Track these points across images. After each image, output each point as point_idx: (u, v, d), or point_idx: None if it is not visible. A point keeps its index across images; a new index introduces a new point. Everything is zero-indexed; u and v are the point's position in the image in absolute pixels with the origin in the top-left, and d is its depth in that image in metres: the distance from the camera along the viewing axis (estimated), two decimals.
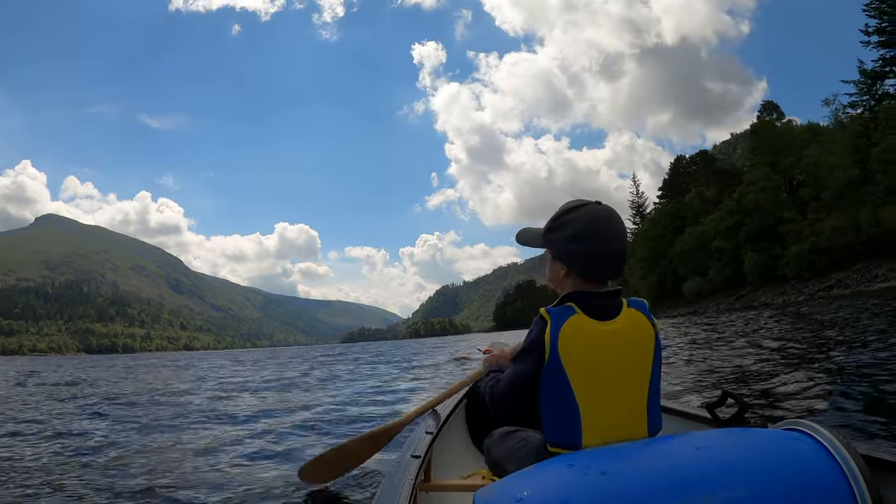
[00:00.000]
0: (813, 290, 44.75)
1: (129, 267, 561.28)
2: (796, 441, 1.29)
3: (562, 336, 1.57)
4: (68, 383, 17.38)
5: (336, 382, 13.49)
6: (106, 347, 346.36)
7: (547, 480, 1.27)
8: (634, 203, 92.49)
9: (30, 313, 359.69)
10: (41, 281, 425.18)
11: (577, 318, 1.59)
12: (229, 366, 26.97)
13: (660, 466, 1.25)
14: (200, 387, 14.14)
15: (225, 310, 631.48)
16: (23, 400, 12.18)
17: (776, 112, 67.77)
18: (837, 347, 9.33)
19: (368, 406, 8.57)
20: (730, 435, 1.39)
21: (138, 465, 5.01)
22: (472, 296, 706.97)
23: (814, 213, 48.90)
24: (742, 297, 54.39)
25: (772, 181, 54.70)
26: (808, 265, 47.53)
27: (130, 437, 6.59)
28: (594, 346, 1.58)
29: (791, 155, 54.97)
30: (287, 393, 11.59)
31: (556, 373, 1.58)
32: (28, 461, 5.32)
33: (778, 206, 53.52)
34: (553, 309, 1.64)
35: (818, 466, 1.21)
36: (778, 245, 51.84)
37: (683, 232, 66.05)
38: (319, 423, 7.06)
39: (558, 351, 1.56)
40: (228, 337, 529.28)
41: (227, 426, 7.22)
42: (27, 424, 7.80)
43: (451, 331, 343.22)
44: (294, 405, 9.08)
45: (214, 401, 10.47)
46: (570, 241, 1.71)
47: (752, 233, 54.65)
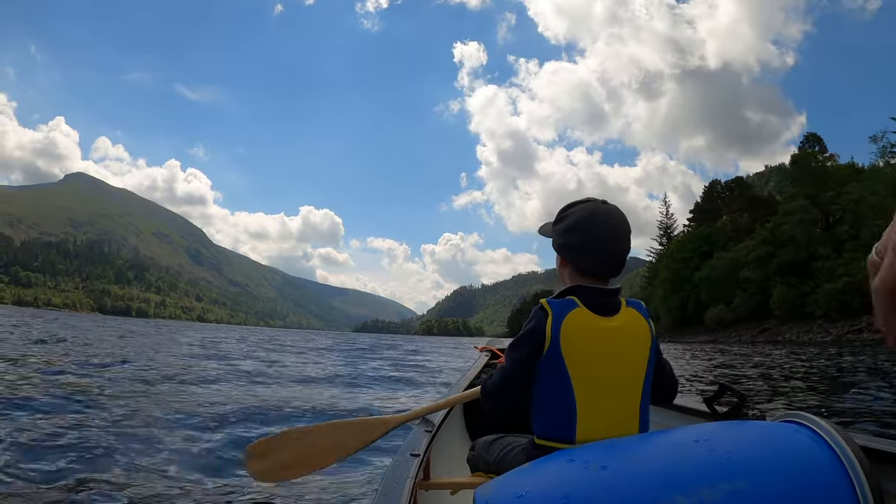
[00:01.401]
0: (841, 332, 43.34)
1: (152, 233, 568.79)
2: (795, 433, 1.28)
3: (564, 328, 1.56)
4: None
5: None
6: (120, 310, 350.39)
7: (547, 476, 1.27)
8: (663, 224, 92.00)
9: (49, 268, 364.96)
10: (63, 237, 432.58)
11: (579, 311, 1.59)
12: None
13: (659, 460, 1.25)
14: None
15: (242, 286, 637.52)
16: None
17: (819, 145, 66.02)
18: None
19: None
20: (728, 428, 1.38)
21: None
22: (489, 299, 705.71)
23: (850, 252, 47.39)
24: (766, 331, 53.03)
25: (809, 214, 53.24)
26: (839, 305, 46.04)
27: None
28: (595, 341, 1.58)
29: (831, 189, 53.64)
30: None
31: (554, 364, 1.56)
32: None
33: (813, 241, 52.09)
34: (554, 300, 1.62)
35: (817, 458, 1.21)
36: (809, 281, 50.39)
37: (712, 257, 64.66)
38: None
39: (560, 342, 1.55)
40: (242, 313, 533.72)
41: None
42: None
43: (465, 332, 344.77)
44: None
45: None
46: (566, 232, 1.73)
47: (784, 265, 53.16)
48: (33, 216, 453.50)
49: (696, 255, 68.11)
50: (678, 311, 68.89)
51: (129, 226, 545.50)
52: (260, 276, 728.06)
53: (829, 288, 46.78)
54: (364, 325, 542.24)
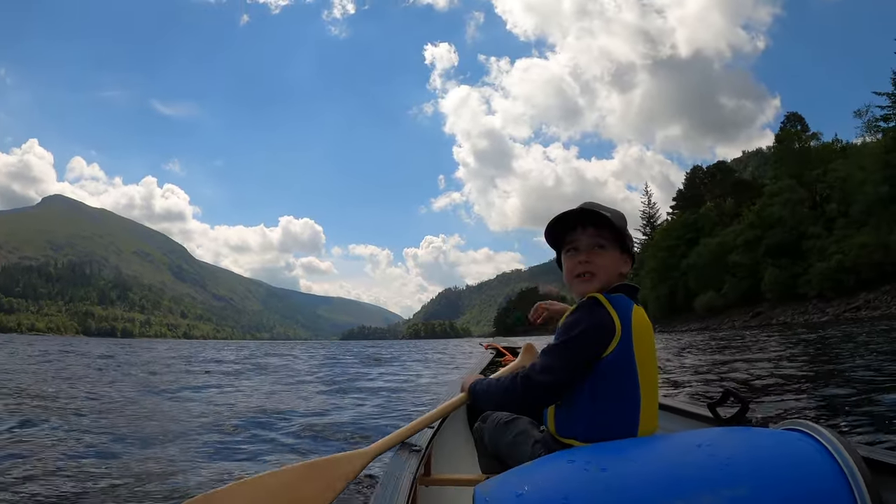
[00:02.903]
0: (838, 311, 41.74)
1: (133, 252, 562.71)
2: (798, 441, 1.28)
3: (634, 324, 1.56)
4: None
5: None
6: (105, 331, 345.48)
7: (547, 476, 1.27)
8: (645, 213, 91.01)
9: (31, 292, 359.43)
10: (44, 260, 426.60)
11: (638, 309, 1.61)
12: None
13: (661, 463, 1.26)
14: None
15: (227, 300, 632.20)
16: None
17: (801, 124, 65.02)
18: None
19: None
20: (731, 434, 1.39)
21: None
22: (475, 300, 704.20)
23: (841, 230, 46.14)
24: (759, 315, 51.43)
25: (796, 193, 51.94)
26: (833, 284, 44.58)
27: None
28: (650, 338, 1.62)
29: (817, 168, 52.46)
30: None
31: (624, 362, 1.55)
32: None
33: (802, 221, 50.78)
34: (611, 296, 1.60)
35: (819, 467, 1.21)
36: (800, 262, 48.99)
37: (698, 243, 63.30)
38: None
39: (632, 339, 1.55)
40: (228, 327, 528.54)
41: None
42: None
43: (452, 334, 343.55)
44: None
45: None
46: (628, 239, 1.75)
47: (773, 247, 51.73)
48: (13, 240, 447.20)
49: (682, 243, 66.89)
50: (667, 299, 67.53)
51: (109, 246, 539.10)
52: (244, 290, 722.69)
53: (822, 267, 45.19)
54: (351, 333, 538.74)
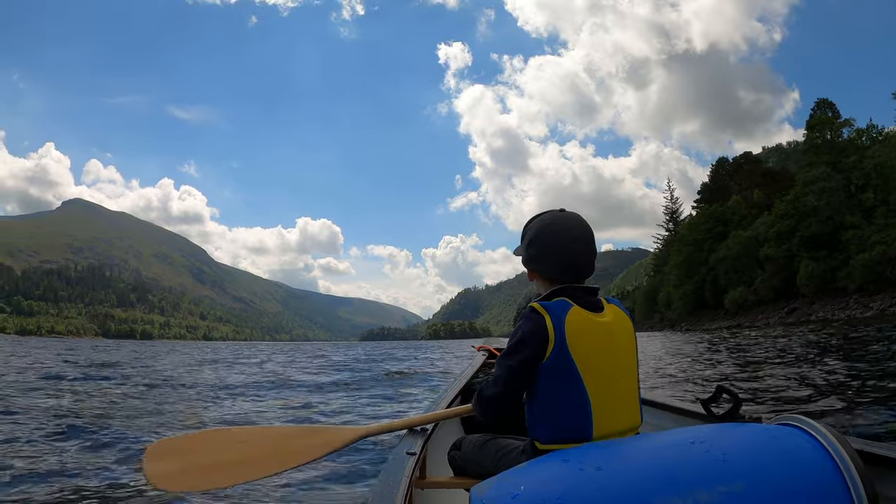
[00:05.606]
0: (883, 305, 39.15)
1: (153, 254, 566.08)
2: (791, 436, 1.30)
3: (567, 327, 1.57)
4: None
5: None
6: (124, 333, 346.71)
7: (543, 476, 1.28)
8: (668, 209, 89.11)
9: (51, 295, 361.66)
10: (64, 264, 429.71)
11: (576, 310, 1.61)
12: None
13: (655, 461, 1.26)
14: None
15: (246, 302, 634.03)
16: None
17: (831, 110, 62.16)
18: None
19: None
20: (725, 430, 1.40)
21: None
22: (494, 300, 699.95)
23: (882, 219, 43.31)
24: (795, 311, 48.71)
25: (832, 181, 48.89)
26: (876, 277, 41.81)
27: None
28: (595, 338, 1.61)
29: (852, 154, 49.53)
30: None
31: (562, 365, 1.57)
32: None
33: (839, 210, 47.73)
34: (547, 302, 1.64)
35: (813, 461, 1.23)
36: (838, 254, 46.07)
37: (726, 237, 60.49)
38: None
39: (566, 342, 1.56)
40: (248, 329, 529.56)
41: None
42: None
43: (471, 334, 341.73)
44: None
45: None
46: (528, 247, 1.81)
47: (808, 239, 48.76)
48: (33, 245, 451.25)
49: (709, 237, 64.05)
50: (693, 296, 65.07)
51: (129, 248, 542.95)
52: (263, 291, 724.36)
53: (864, 258, 42.39)
54: (371, 334, 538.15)
